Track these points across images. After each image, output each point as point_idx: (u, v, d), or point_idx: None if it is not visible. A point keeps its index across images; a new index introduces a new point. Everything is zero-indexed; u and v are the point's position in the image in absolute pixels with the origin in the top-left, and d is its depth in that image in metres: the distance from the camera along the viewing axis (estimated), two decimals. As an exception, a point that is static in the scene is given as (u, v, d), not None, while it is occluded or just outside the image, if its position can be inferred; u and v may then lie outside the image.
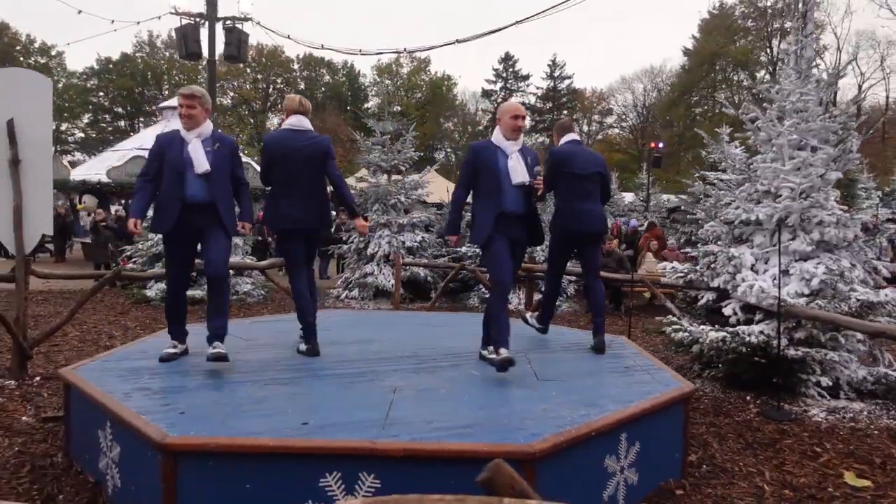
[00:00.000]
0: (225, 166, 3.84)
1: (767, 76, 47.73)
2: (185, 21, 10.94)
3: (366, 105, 65.42)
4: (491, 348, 3.83)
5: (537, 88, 61.08)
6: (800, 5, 5.47)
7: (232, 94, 60.44)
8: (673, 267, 5.89)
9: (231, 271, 5.35)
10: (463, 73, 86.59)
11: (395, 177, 10.80)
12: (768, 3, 46.83)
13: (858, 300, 4.75)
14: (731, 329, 4.91)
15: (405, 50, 14.93)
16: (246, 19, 11.27)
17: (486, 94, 62.96)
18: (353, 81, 64.71)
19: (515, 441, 2.64)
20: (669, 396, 3.36)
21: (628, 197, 27.88)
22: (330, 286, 11.84)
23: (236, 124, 58.81)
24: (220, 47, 11.53)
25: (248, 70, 62.11)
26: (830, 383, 4.81)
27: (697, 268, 5.65)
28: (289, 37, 12.01)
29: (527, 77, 61.21)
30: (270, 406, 3.02)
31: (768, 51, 47.78)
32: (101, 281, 5.71)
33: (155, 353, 4.01)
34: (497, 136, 4.04)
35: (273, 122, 62.57)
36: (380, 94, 60.90)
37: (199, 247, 3.95)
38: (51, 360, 5.93)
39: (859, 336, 4.84)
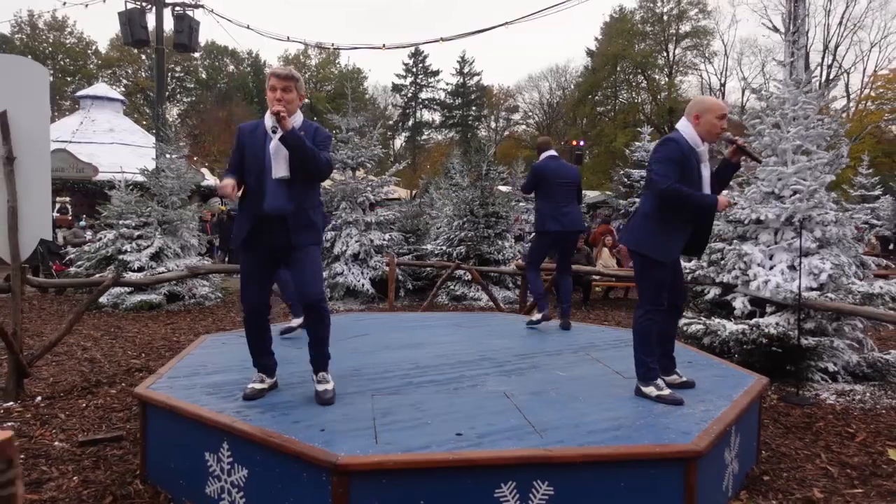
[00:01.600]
0: None
1: (665, 79, 50.87)
2: (130, 5, 10.15)
3: (272, 97, 63.28)
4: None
5: (447, 84, 61.67)
6: (791, 24, 5.85)
7: (126, 81, 56.60)
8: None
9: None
10: (372, 66, 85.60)
11: (358, 173, 10.59)
12: (665, 10, 49.72)
13: (859, 292, 5.23)
14: (751, 322, 5.26)
15: (384, 46, 14.39)
16: (197, 6, 10.62)
17: (397, 88, 62.76)
18: (258, 72, 62.42)
19: (670, 440, 2.73)
20: (757, 388, 3.57)
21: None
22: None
23: (132, 114, 55.14)
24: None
25: (143, 57, 58.40)
26: (836, 369, 5.26)
27: (703, 264, 5.99)
28: (248, 27, 11.39)
29: (437, 73, 61.63)
30: (405, 417, 2.93)
31: (665, 54, 50.75)
32: (102, 287, 5.23)
33: (217, 366, 3.78)
34: (691, 135, 3.33)
35: (172, 112, 59.25)
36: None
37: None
38: (34, 377, 5.38)
39: (860, 325, 5.34)
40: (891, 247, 19.19)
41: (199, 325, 8.08)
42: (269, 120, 3.11)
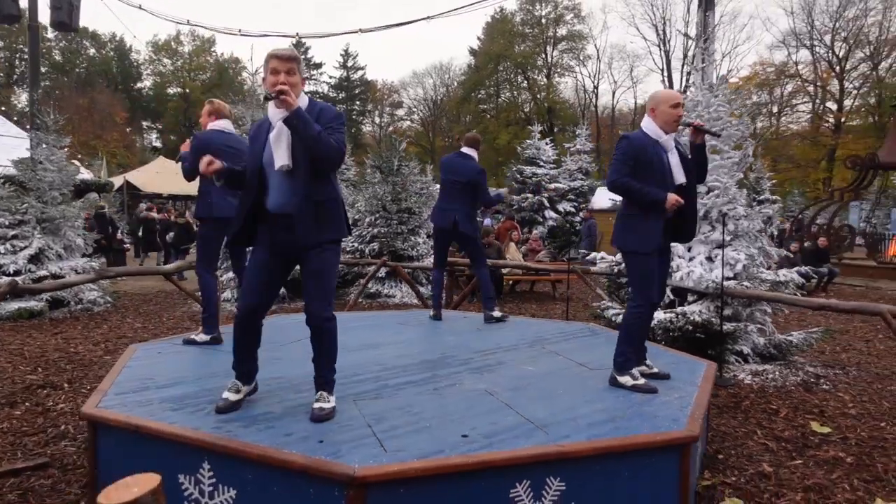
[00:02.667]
0: None
1: (544, 79, 53.04)
2: (-4, -25, 8.94)
3: (139, 85, 58.98)
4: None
5: (330, 77, 60.51)
6: (702, 32, 6.28)
7: (-33, 64, 50.45)
8: (602, 257, 6.50)
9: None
10: (252, 56, 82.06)
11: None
12: (543, 13, 51.81)
13: (768, 280, 5.73)
14: (678, 310, 5.60)
15: (297, 35, 13.57)
16: (77, -19, 9.56)
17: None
18: (123, 58, 57.77)
19: (664, 428, 2.83)
20: (711, 373, 3.80)
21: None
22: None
23: (-26, 99, 49.07)
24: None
25: (-14, 33, 52.19)
26: (748, 351, 5.73)
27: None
28: (140, 7, 10.38)
29: (319, 66, 60.23)
30: (402, 422, 2.81)
31: (544, 56, 52.90)
32: (-3, 297, 4.59)
33: (168, 379, 3.43)
34: (651, 128, 3.49)
35: (21, 98, 53.35)
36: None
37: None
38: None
39: (768, 310, 5.84)
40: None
41: (96, 334, 7.32)
42: (271, 112, 2.81)
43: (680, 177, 3.50)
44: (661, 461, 2.75)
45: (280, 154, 2.78)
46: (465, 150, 5.56)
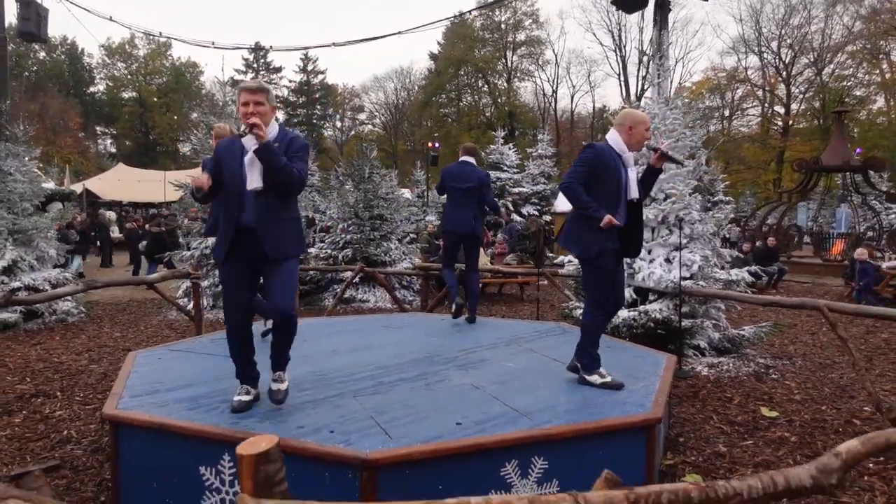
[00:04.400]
0: None
1: (504, 84, 53.83)
2: (-37, -14, 8.89)
3: (92, 89, 57.66)
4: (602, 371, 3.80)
5: (290, 82, 60.10)
6: (658, 50, 6.77)
7: None
8: (569, 259, 6.92)
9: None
10: (208, 60, 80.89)
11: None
12: (503, 18, 52.61)
13: (721, 279, 6.22)
14: (641, 308, 6.04)
15: (270, 48, 13.61)
16: (45, -8, 9.55)
17: (237, 84, 59.65)
18: (75, 61, 56.40)
19: (633, 412, 3.21)
20: (671, 364, 4.21)
21: (406, 193, 29.52)
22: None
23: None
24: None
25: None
26: (704, 345, 6.21)
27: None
28: (111, 18, 10.38)
29: (279, 69, 59.76)
30: (401, 414, 3.13)
31: (504, 61, 53.69)
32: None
33: (176, 382, 3.67)
34: (617, 142, 3.72)
35: (-32, 103, 51.57)
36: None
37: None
38: None
39: (722, 307, 6.34)
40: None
41: (76, 344, 7.41)
42: (247, 138, 3.07)
43: (634, 192, 3.78)
44: (630, 440, 3.13)
45: (253, 177, 3.08)
46: (465, 158, 5.92)
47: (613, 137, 3.81)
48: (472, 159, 5.93)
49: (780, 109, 41.68)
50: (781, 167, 38.53)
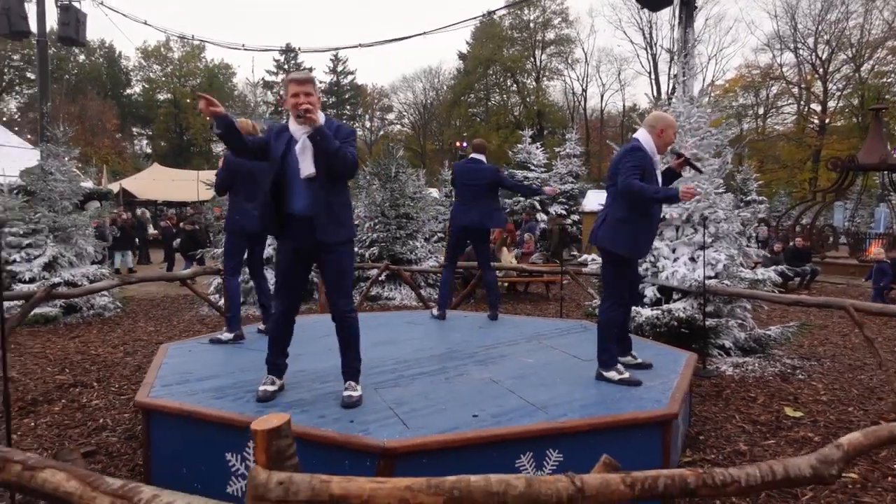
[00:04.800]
0: None
1: (533, 83, 53.62)
2: (8, -7, 9.26)
3: (129, 91, 59.12)
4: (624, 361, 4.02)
5: (320, 83, 60.72)
6: (683, 48, 6.73)
7: (-46, 71, 50.27)
8: (593, 258, 6.93)
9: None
10: (240, 62, 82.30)
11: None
12: (532, 17, 52.42)
13: (747, 278, 6.17)
14: (664, 307, 6.03)
15: (299, 49, 13.93)
16: (84, -3, 9.88)
17: (268, 85, 60.81)
18: (113, 64, 57.90)
19: (649, 408, 3.24)
20: (692, 362, 4.21)
21: (433, 192, 29.64)
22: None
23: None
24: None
25: (-25, 43, 52.18)
26: (729, 345, 6.16)
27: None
28: (146, 22, 10.73)
29: (309, 70, 60.46)
30: (420, 406, 3.21)
31: (532, 60, 53.49)
32: (34, 301, 4.93)
33: (204, 373, 3.81)
34: (649, 144, 3.79)
35: (10, 105, 53.36)
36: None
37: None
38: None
39: (747, 307, 6.29)
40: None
41: (112, 338, 7.67)
42: (294, 127, 3.18)
43: None
44: (646, 435, 3.16)
45: (306, 164, 3.15)
46: (475, 155, 5.97)
47: (646, 139, 3.83)
48: (482, 156, 5.96)
49: (816, 107, 40.71)
50: (818, 166, 37.62)
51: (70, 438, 4.18)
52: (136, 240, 17.29)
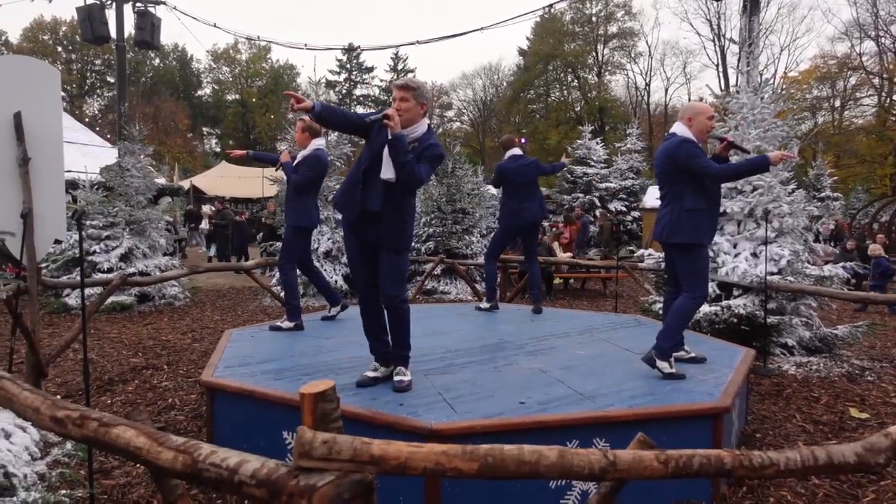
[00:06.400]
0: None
1: (595, 78, 52.77)
2: (89, 0, 9.88)
3: (200, 92, 61.65)
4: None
5: (381, 81, 61.52)
6: (747, 37, 6.53)
7: (41, 75, 53.26)
8: (650, 253, 6.83)
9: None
10: (304, 63, 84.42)
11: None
12: (594, 11, 51.56)
13: (812, 275, 5.94)
14: (723, 303, 5.88)
15: (359, 48, 14.36)
16: (159, 2, 10.42)
17: (330, 84, 62.04)
18: (185, 66, 60.50)
19: (699, 400, 3.20)
20: (749, 358, 4.12)
21: (492, 189, 29.65)
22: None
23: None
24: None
25: (60, 48, 55.53)
26: (793, 344, 5.95)
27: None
28: (215, 25, 11.25)
29: (371, 69, 61.31)
30: (467, 392, 3.28)
31: (594, 54, 52.61)
32: (111, 287, 5.28)
33: (264, 356, 4.00)
34: (688, 134, 3.77)
35: (93, 107, 56.58)
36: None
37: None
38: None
39: (813, 304, 6.06)
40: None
41: (181, 325, 8.08)
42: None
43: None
44: (696, 428, 3.13)
45: (388, 167, 3.20)
46: (515, 152, 6.08)
47: (683, 131, 3.81)
48: (520, 151, 6.10)
49: (899, 98, 38.41)
50: (901, 161, 35.53)
51: (142, 415, 4.46)
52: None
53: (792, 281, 5.75)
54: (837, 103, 41.68)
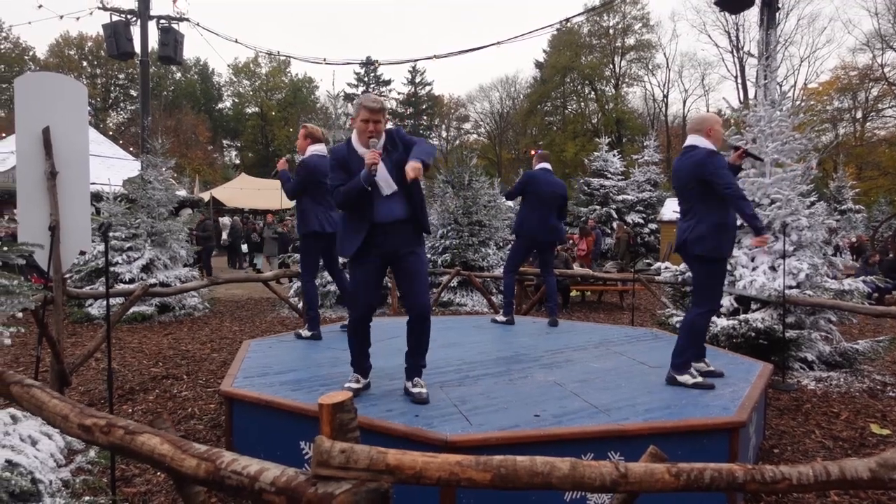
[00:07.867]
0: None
1: (612, 90, 52.70)
2: (115, 17, 10.13)
3: (220, 105, 62.57)
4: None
5: (399, 94, 62.01)
6: (764, 49, 6.52)
7: (67, 89, 54.38)
8: (666, 266, 6.81)
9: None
10: (323, 76, 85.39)
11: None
12: (611, 24, 51.58)
13: (832, 289, 5.89)
14: (741, 317, 5.84)
15: (377, 62, 14.51)
16: (182, 19, 10.66)
17: (349, 97, 62.48)
18: (206, 80, 61.48)
19: (715, 415, 3.19)
20: (766, 373, 4.09)
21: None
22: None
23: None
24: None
25: (85, 63, 56.70)
26: (812, 358, 5.89)
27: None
28: (237, 41, 11.46)
29: (388, 82, 61.82)
30: (482, 404, 3.30)
31: (612, 66, 52.59)
32: (133, 297, 5.38)
33: (282, 367, 4.05)
34: (710, 147, 3.81)
35: (116, 119, 57.63)
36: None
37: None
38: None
39: (832, 319, 6.00)
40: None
41: (201, 335, 8.18)
42: (361, 150, 3.30)
43: None
44: (711, 443, 3.12)
45: (388, 184, 3.30)
46: (546, 166, 6.10)
47: (704, 143, 3.82)
48: (549, 166, 6.10)
49: (922, 109, 37.88)
50: (925, 173, 34.97)
51: (162, 424, 4.53)
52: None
53: (811, 295, 5.70)
54: (859, 114, 41.22)
